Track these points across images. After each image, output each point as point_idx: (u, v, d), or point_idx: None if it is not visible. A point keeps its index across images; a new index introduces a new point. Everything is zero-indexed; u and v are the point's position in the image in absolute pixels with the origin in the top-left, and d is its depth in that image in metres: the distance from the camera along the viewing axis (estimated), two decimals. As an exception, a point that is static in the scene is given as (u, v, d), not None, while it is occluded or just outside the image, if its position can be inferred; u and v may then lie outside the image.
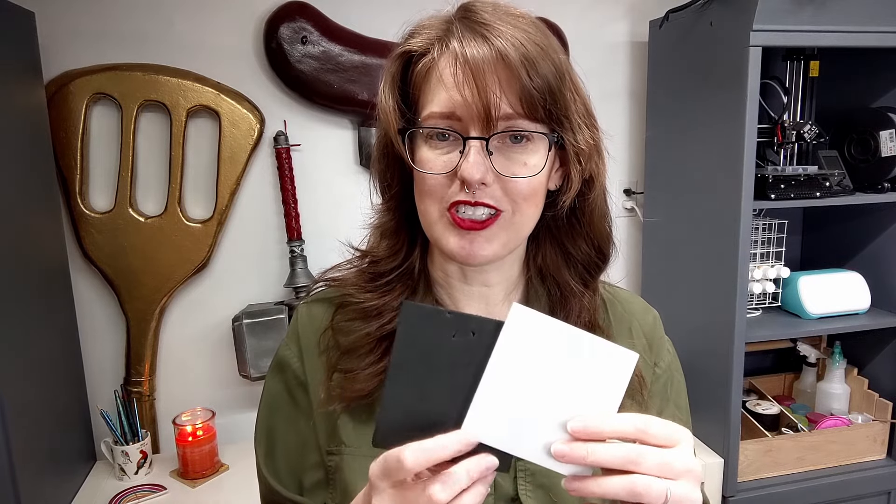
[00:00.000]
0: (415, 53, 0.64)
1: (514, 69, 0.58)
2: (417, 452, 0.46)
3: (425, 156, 0.63)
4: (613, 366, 0.48)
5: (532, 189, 0.62)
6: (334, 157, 1.77)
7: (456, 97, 0.59)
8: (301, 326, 0.73)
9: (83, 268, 1.65)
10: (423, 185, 0.63)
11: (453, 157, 0.61)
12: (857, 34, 1.48)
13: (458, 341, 0.48)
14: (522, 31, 0.60)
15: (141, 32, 1.60)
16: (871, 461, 1.75)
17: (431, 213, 0.64)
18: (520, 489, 0.66)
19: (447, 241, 0.63)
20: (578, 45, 1.83)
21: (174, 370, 1.74)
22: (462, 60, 0.58)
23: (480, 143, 0.59)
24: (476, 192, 0.60)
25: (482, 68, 0.58)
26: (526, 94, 0.59)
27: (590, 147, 0.64)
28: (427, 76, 0.62)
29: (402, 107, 0.65)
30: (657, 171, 1.88)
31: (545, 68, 0.59)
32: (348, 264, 0.73)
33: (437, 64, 0.61)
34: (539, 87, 0.59)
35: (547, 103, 0.60)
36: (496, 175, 0.61)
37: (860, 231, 1.83)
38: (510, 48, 0.58)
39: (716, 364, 1.61)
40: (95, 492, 1.52)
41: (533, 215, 0.65)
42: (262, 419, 0.75)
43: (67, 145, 1.56)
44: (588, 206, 0.68)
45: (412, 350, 0.48)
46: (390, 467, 0.47)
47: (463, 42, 0.59)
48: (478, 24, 0.60)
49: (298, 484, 0.71)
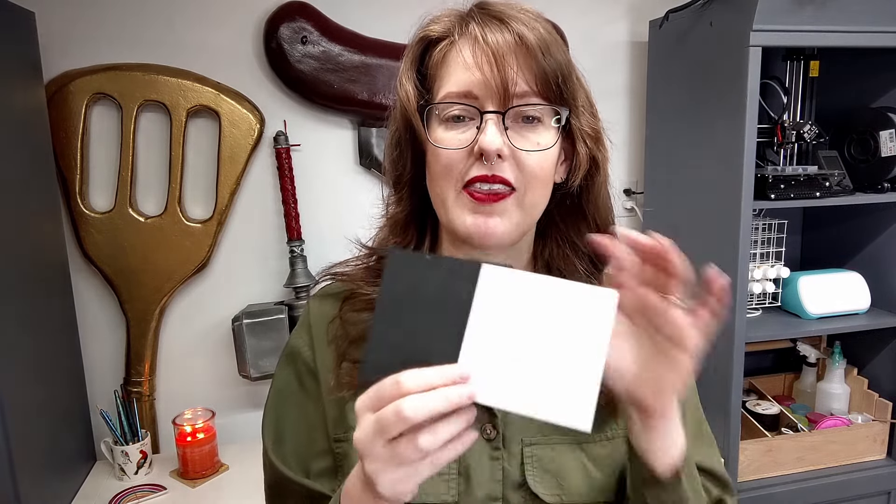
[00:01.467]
0: (433, 38, 0.67)
1: (532, 50, 0.62)
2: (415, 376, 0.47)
3: (441, 136, 0.65)
4: (596, 307, 0.49)
5: (542, 168, 0.65)
6: (334, 157, 1.77)
7: (475, 75, 0.63)
8: (313, 317, 0.74)
9: (83, 268, 1.65)
10: (438, 165, 0.65)
11: (469, 135, 0.64)
12: (857, 34, 1.48)
13: (437, 281, 0.50)
14: (536, 20, 0.65)
15: (141, 32, 1.60)
16: (871, 461, 1.75)
17: (447, 194, 0.65)
18: (527, 474, 0.67)
19: (463, 220, 0.65)
20: (578, 44, 1.83)
21: (174, 370, 1.74)
22: (482, 42, 0.62)
23: (497, 116, 0.62)
24: (493, 165, 0.63)
25: (501, 49, 0.62)
26: (541, 73, 0.63)
27: (594, 132, 0.68)
28: (445, 58, 0.66)
29: (420, 88, 0.68)
30: (657, 171, 1.88)
31: (558, 53, 0.64)
32: (356, 260, 0.74)
33: (457, 45, 0.65)
34: (553, 67, 0.63)
35: (559, 83, 0.64)
36: (512, 149, 0.63)
37: (860, 231, 1.83)
38: (527, 32, 0.63)
39: (716, 364, 1.62)
40: (95, 492, 1.52)
41: (543, 197, 0.67)
42: (271, 406, 0.75)
43: (67, 145, 1.56)
44: (594, 194, 0.70)
45: (396, 291, 0.50)
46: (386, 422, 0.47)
47: (483, 26, 0.63)
48: (494, 13, 0.65)
49: (306, 470, 0.72)
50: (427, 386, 0.47)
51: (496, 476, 0.67)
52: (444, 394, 0.47)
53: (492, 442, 0.68)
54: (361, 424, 0.49)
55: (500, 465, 0.67)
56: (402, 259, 0.51)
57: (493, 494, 0.67)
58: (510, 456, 0.68)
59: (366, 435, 0.48)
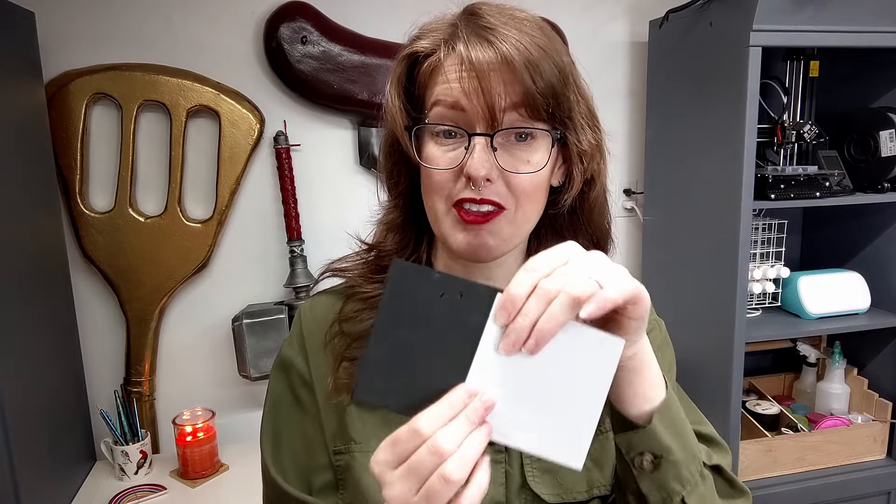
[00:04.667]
0: (420, 54, 0.65)
1: (518, 73, 0.59)
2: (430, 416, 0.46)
3: (432, 152, 0.64)
4: (601, 353, 0.48)
5: (535, 186, 0.64)
6: (334, 157, 1.77)
7: (462, 99, 0.61)
8: (304, 324, 0.73)
9: (83, 268, 1.65)
10: (429, 181, 0.65)
11: (459, 154, 0.62)
12: (857, 34, 1.48)
13: (446, 302, 0.48)
14: (527, 34, 0.61)
15: (141, 32, 1.60)
16: (871, 461, 1.75)
17: (438, 209, 0.65)
18: (527, 475, 0.67)
19: (454, 238, 0.64)
20: (578, 44, 1.83)
21: (174, 370, 1.74)
22: (467, 63, 0.60)
23: (485, 139, 0.61)
24: (481, 189, 0.61)
25: (486, 71, 0.59)
26: (529, 97, 0.60)
27: (592, 147, 0.65)
28: (432, 75, 0.64)
29: (408, 106, 0.66)
30: (657, 171, 1.88)
31: (548, 71, 0.61)
32: (356, 256, 0.74)
33: (443, 65, 0.62)
34: (542, 90, 0.60)
35: (549, 106, 0.61)
36: (500, 171, 0.62)
37: (860, 231, 1.83)
38: (514, 52, 0.59)
39: (716, 364, 1.62)
40: (95, 492, 1.52)
41: (535, 212, 0.66)
42: (267, 420, 0.74)
43: (67, 145, 1.56)
44: (589, 204, 0.69)
45: (400, 306, 0.48)
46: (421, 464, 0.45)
47: (468, 45, 0.60)
48: (483, 28, 0.61)
49: (307, 485, 0.71)
50: (446, 420, 0.46)
51: (499, 480, 0.67)
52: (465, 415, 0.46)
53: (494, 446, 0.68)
54: (389, 483, 0.46)
55: (503, 468, 0.67)
56: (409, 271, 0.48)
57: (498, 499, 0.67)
58: (511, 459, 0.68)
59: (400, 491, 0.46)
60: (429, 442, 0.45)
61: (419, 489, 0.45)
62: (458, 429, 0.46)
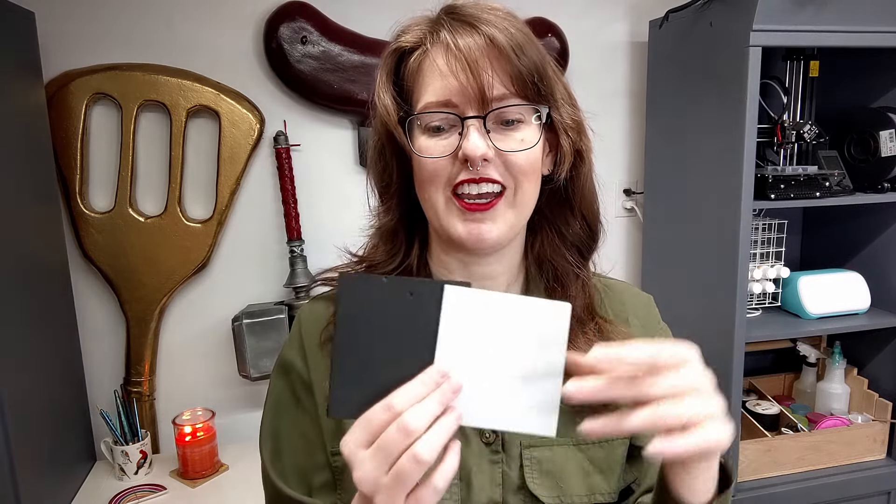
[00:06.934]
0: (406, 49, 0.67)
1: (504, 51, 0.62)
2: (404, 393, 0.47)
3: (424, 144, 0.65)
4: (552, 319, 0.50)
5: (530, 164, 0.65)
6: (334, 157, 1.77)
7: (451, 83, 0.62)
8: (304, 326, 0.74)
9: (83, 268, 1.65)
10: (424, 173, 0.65)
11: (452, 142, 0.64)
12: (857, 34, 1.48)
13: (398, 304, 0.49)
14: (506, 20, 0.65)
15: (141, 32, 1.60)
16: (871, 461, 1.75)
17: (437, 201, 0.66)
18: (527, 477, 0.67)
19: (455, 228, 0.65)
20: (578, 45, 1.83)
21: (174, 370, 1.74)
22: (454, 48, 0.62)
23: (478, 121, 0.62)
24: (479, 169, 0.63)
25: (474, 54, 0.62)
26: (516, 74, 0.63)
27: (576, 123, 0.68)
28: (420, 68, 0.66)
29: (399, 100, 0.68)
30: (657, 171, 1.88)
31: (531, 51, 0.64)
32: (345, 266, 0.75)
33: (430, 54, 0.64)
34: (528, 66, 0.63)
35: (535, 81, 0.64)
36: (497, 152, 0.63)
37: (860, 231, 1.83)
38: (498, 34, 0.62)
39: (716, 364, 1.61)
40: (95, 492, 1.52)
41: (533, 193, 0.68)
42: (267, 421, 0.75)
43: (67, 145, 1.56)
44: (580, 183, 0.71)
45: (354, 319, 0.49)
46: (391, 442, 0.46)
47: (453, 33, 0.63)
48: (464, 17, 0.64)
49: (307, 485, 0.71)
50: (418, 398, 0.47)
51: (496, 480, 0.67)
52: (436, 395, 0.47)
53: (491, 446, 0.68)
54: (359, 462, 0.47)
55: (500, 468, 0.67)
56: (356, 283, 0.49)
57: (494, 498, 0.67)
58: (509, 459, 0.68)
59: (369, 469, 0.46)
60: (398, 420, 0.46)
61: (389, 468, 0.46)
62: (426, 409, 0.46)
